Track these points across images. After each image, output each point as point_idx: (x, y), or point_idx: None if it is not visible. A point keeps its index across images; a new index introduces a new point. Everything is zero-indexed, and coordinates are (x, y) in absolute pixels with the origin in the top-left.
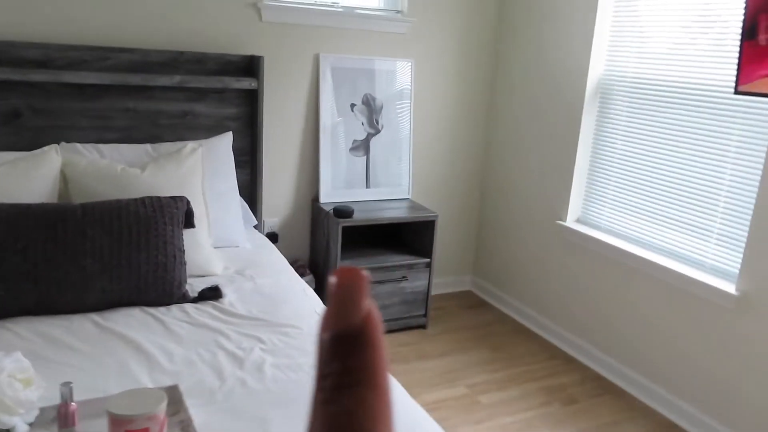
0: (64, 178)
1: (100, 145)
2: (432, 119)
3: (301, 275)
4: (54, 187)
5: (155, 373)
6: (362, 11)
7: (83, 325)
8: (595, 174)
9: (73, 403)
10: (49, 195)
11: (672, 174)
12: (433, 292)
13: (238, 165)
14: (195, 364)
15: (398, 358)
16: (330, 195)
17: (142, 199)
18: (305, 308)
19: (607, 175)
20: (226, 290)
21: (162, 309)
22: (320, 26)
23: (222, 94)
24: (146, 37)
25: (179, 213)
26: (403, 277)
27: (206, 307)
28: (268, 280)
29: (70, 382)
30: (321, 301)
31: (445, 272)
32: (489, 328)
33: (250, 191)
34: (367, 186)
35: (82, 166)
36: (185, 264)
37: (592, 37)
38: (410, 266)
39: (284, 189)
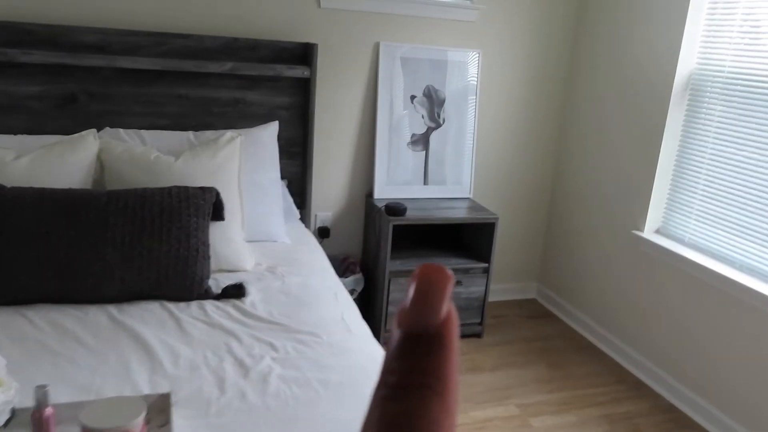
0: (100, 165)
1: (143, 131)
2: (498, 115)
3: (351, 273)
4: (89, 173)
5: (155, 376)
6: None
7: (98, 317)
8: (679, 180)
9: (49, 408)
10: (84, 180)
11: None
12: (494, 298)
13: (290, 156)
14: (198, 369)
15: None
16: (385, 191)
17: (169, 189)
18: (330, 314)
19: (694, 181)
20: (251, 288)
21: (181, 305)
22: (382, 13)
23: (275, 82)
24: (202, 23)
25: (206, 204)
26: (458, 281)
27: (227, 305)
28: (298, 279)
29: (46, 386)
30: (354, 307)
31: (508, 278)
32: (550, 341)
33: (301, 183)
34: (425, 183)
35: (117, 153)
36: (209, 258)
37: (683, 26)
38: (466, 270)
39: (338, 182)
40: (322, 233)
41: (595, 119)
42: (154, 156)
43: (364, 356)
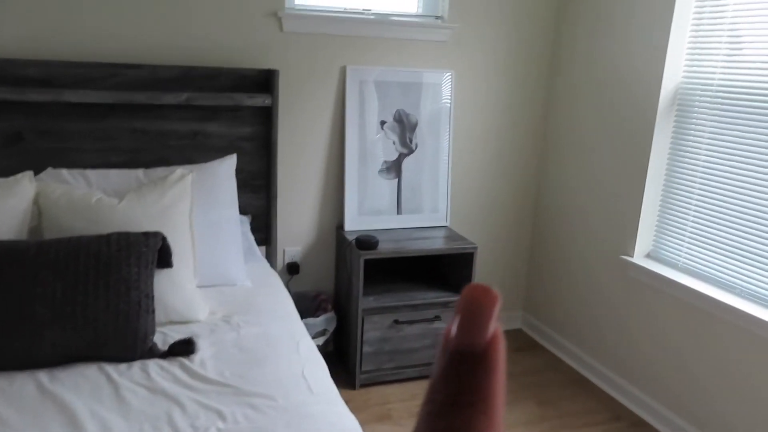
0: (38, 210)
1: (89, 171)
2: (475, 138)
3: (323, 311)
4: (24, 221)
5: None
6: (397, 18)
7: (25, 386)
8: (670, 201)
9: None
10: (18, 229)
11: None
12: None
13: (254, 189)
14: None
15: None
16: (356, 222)
17: (108, 236)
18: (290, 370)
19: (686, 202)
20: (202, 342)
21: (123, 366)
22: (349, 36)
23: (236, 112)
24: (156, 53)
25: (150, 252)
26: (436, 316)
27: (173, 365)
28: (256, 329)
29: None
30: (319, 359)
31: None
32: (539, 376)
33: (266, 218)
34: (399, 212)
35: (55, 197)
36: (153, 312)
37: (667, 39)
38: (445, 304)
39: (306, 215)
40: (291, 269)
41: (577, 139)
42: (95, 199)
43: (326, 424)
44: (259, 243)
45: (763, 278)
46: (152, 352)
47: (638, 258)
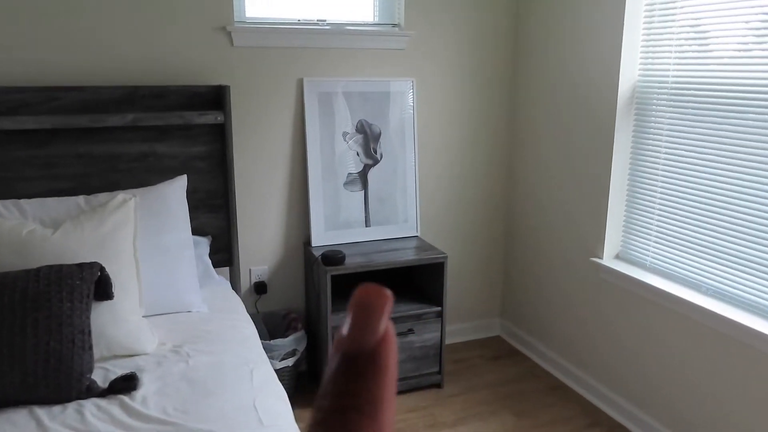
0: None
1: (23, 201)
2: (440, 145)
3: (293, 330)
4: None
5: None
6: (353, 27)
7: None
8: (635, 200)
9: None
10: None
11: (731, 199)
12: (455, 339)
13: (212, 209)
14: None
15: (404, 427)
16: (323, 237)
17: (37, 270)
18: (240, 402)
19: (650, 200)
20: (147, 377)
21: (56, 409)
22: (304, 47)
23: (187, 131)
24: (98, 73)
25: (84, 284)
26: (410, 330)
27: (112, 404)
28: (208, 358)
29: None
30: (274, 387)
31: (468, 316)
32: (517, 385)
33: (227, 238)
34: (367, 224)
35: None
36: (90, 349)
37: (621, 37)
38: (418, 317)
39: (271, 232)
40: (259, 289)
41: (541, 143)
42: (26, 231)
43: None
44: (221, 264)
45: (728, 275)
46: (90, 391)
47: (608, 260)
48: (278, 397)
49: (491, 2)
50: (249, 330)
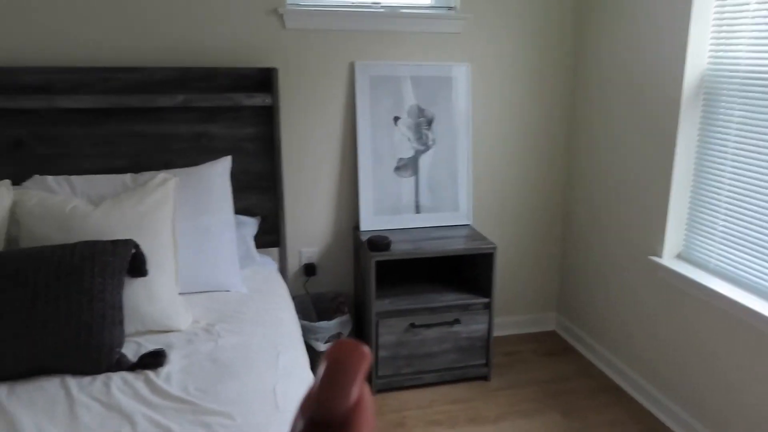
0: (17, 221)
1: (74, 177)
2: (496, 132)
3: (341, 313)
4: (1, 231)
5: None
6: (408, 10)
7: None
8: (699, 197)
9: None
10: None
11: None
12: (508, 332)
13: (262, 191)
14: None
15: (443, 419)
16: (372, 222)
17: (74, 245)
18: (260, 386)
19: (716, 198)
20: (175, 354)
21: (86, 380)
22: (356, 30)
23: (237, 113)
24: (152, 55)
25: (117, 261)
26: (456, 320)
27: (138, 379)
28: (237, 339)
29: None
30: (300, 373)
31: (523, 309)
32: (568, 383)
33: (276, 219)
34: (417, 211)
35: (30, 206)
36: (121, 324)
37: (688, 24)
38: (465, 307)
39: (322, 215)
40: (309, 270)
41: (602, 132)
42: (70, 207)
43: None
44: (270, 245)
45: None
46: (120, 365)
47: (667, 259)
48: (303, 382)
49: None
50: (285, 312)
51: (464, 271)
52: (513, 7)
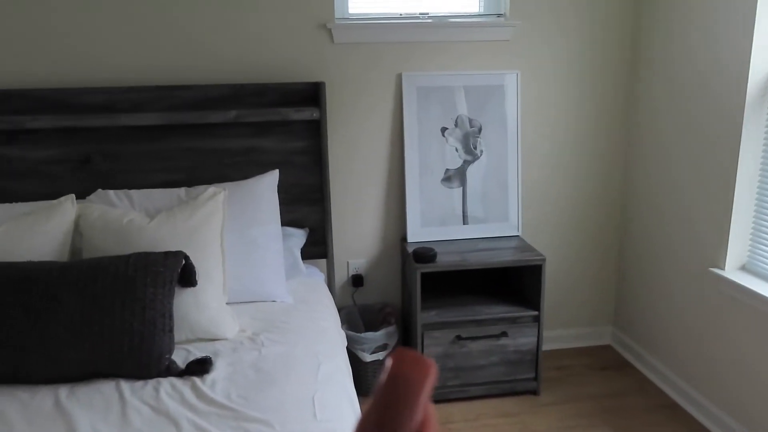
0: (80, 232)
1: (133, 191)
2: (546, 141)
3: (387, 324)
4: (65, 242)
5: None
6: (456, 19)
7: (44, 401)
8: (766, 205)
9: None
10: (60, 251)
11: None
12: (560, 345)
13: (311, 203)
14: None
15: None
16: (419, 233)
17: (128, 257)
18: (299, 395)
19: None
20: (221, 362)
21: (138, 384)
22: (404, 42)
23: (287, 127)
24: (206, 73)
25: (168, 272)
26: (503, 333)
27: (185, 385)
28: (280, 348)
29: None
30: (341, 383)
31: (576, 322)
32: (623, 399)
33: (323, 231)
34: (465, 222)
35: (92, 219)
36: (171, 332)
37: (753, 26)
38: (513, 320)
39: (369, 227)
40: (356, 281)
41: (660, 140)
42: (127, 220)
43: None
44: (318, 256)
45: None
46: (169, 371)
47: (730, 271)
48: (343, 392)
49: None
50: (328, 323)
51: (513, 283)
52: (564, 12)
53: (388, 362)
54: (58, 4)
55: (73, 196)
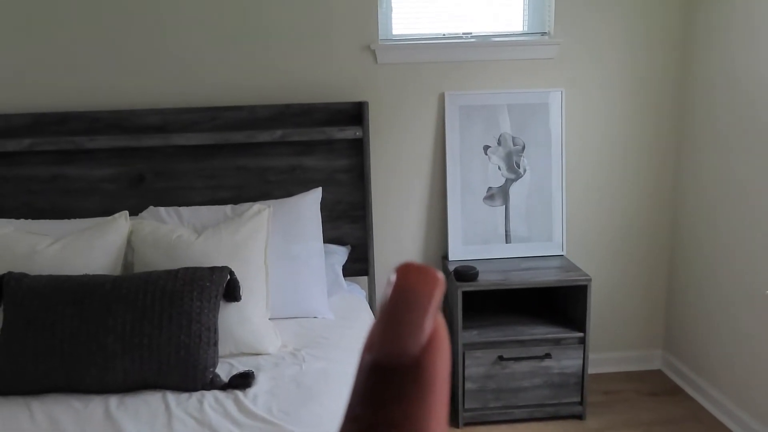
0: (132, 248)
1: (182, 208)
2: (592, 160)
3: None
4: (119, 257)
5: None
6: (499, 38)
7: (95, 411)
8: None
9: None
10: (113, 265)
11: None
12: (607, 369)
13: (353, 220)
14: None
15: None
16: (461, 251)
17: (176, 271)
18: (338, 410)
19: None
20: (262, 376)
21: (183, 396)
22: (446, 61)
23: (330, 145)
24: (254, 94)
25: (214, 286)
26: (546, 354)
27: (228, 398)
28: (321, 364)
29: None
30: None
31: (624, 346)
32: (674, 427)
33: (365, 248)
34: (507, 241)
35: (144, 234)
36: (215, 345)
37: None
38: (557, 341)
39: (410, 244)
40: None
41: (714, 156)
42: (176, 236)
43: None
44: (359, 273)
45: None
46: (213, 384)
47: None
48: None
49: (654, 6)
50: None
51: (557, 303)
52: (609, 29)
53: (392, 276)
54: (115, 35)
55: (127, 212)
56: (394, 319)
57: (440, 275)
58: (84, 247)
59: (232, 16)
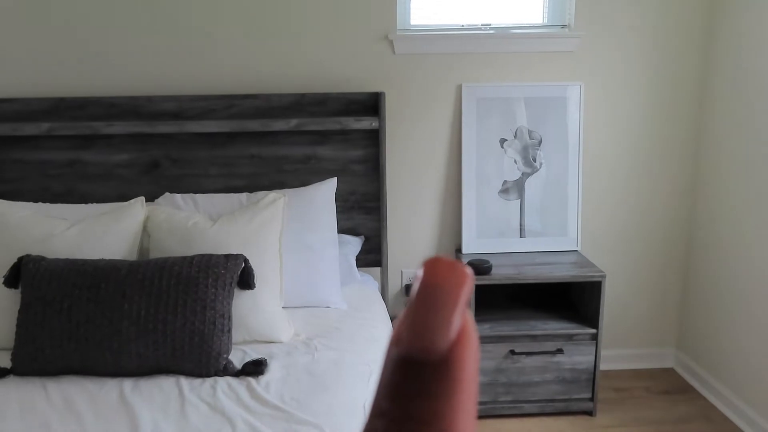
0: (148, 233)
1: (198, 195)
2: (610, 155)
3: None
4: (135, 242)
5: None
6: (519, 30)
7: (110, 394)
8: None
9: None
10: (129, 250)
11: None
12: (619, 366)
13: (367, 211)
14: None
15: None
16: (474, 245)
17: (192, 258)
18: (350, 401)
19: None
20: (275, 364)
21: (197, 381)
22: (464, 53)
23: (346, 135)
24: (270, 83)
25: (228, 273)
26: (558, 350)
27: (241, 385)
28: (333, 354)
29: None
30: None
31: (637, 343)
32: (684, 425)
33: (378, 239)
34: (522, 235)
35: (159, 220)
36: (229, 332)
37: None
38: (569, 337)
39: (424, 236)
40: (409, 290)
41: (735, 151)
42: (191, 223)
43: None
44: (372, 264)
45: None
46: (226, 370)
47: None
48: None
49: (677, 0)
50: (380, 331)
51: (570, 299)
52: (631, 23)
53: (420, 271)
54: (133, 22)
55: (143, 198)
56: (422, 313)
57: (469, 270)
58: (101, 231)
59: (250, 5)
